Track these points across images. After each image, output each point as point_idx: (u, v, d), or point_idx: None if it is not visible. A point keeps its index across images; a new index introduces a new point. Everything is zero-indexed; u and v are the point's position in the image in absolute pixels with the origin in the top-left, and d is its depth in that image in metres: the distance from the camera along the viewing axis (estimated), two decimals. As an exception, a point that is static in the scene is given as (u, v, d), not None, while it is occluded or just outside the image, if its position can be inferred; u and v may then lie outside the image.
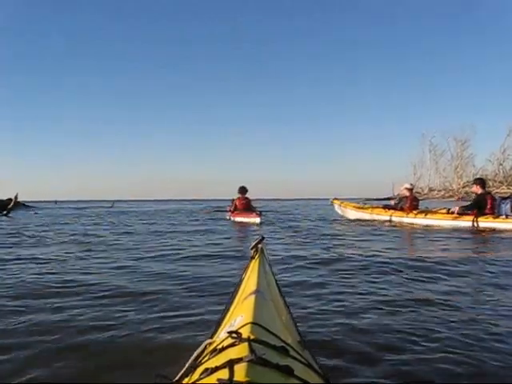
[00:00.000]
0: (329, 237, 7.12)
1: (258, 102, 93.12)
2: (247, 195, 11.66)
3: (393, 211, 10.09)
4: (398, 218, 9.84)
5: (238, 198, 11.55)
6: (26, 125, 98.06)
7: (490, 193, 9.00)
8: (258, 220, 10.10)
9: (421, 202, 10.70)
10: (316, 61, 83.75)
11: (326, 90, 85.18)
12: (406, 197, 10.07)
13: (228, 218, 11.94)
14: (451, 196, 39.82)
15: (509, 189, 36.84)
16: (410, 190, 10.23)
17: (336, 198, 12.50)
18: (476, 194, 8.66)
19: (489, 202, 8.36)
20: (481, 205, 8.39)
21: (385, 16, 78.41)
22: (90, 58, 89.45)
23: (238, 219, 11.11)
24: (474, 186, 8.78)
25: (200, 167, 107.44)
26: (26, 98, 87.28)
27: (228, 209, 12.29)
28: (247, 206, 11.34)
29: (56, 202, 50.86)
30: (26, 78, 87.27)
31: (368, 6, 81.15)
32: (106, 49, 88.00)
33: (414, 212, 9.59)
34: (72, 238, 7.38)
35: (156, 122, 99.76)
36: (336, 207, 12.30)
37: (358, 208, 11.35)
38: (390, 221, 9.92)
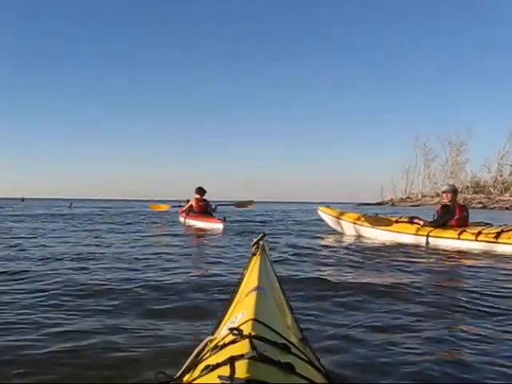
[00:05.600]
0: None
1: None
2: (205, 197, 10.30)
3: (430, 228, 6.31)
4: (442, 239, 6.14)
5: (196, 199, 10.20)
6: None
7: None
8: (220, 226, 8.77)
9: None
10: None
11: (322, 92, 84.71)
12: (446, 206, 6.35)
13: (182, 220, 10.62)
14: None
15: (512, 196, 35.99)
16: (454, 193, 6.47)
17: (328, 206, 8.80)
18: None
19: None
20: None
21: (381, 16, 78.07)
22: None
23: (195, 223, 9.90)
24: None
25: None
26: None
27: (180, 210, 11.13)
28: (205, 209, 10.10)
29: (23, 199, 46.49)
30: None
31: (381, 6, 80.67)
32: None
33: (471, 231, 5.88)
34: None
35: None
36: (345, 225, 7.92)
37: (374, 223, 7.20)
38: (427, 244, 6.22)
